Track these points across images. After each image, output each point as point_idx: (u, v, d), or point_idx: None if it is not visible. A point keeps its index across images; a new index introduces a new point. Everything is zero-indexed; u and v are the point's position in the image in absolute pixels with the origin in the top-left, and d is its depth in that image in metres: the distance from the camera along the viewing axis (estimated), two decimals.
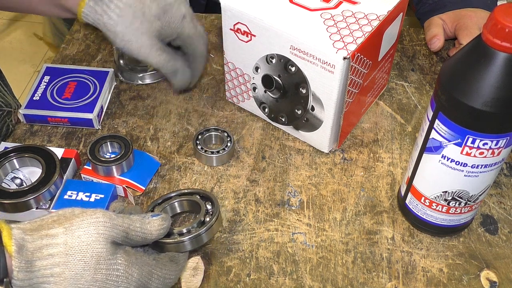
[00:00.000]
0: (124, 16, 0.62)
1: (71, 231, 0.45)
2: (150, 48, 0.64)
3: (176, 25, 0.65)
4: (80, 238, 0.45)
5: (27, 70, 2.14)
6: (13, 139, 0.74)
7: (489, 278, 0.60)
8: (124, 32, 0.63)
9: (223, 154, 0.69)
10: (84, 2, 0.62)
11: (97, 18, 0.63)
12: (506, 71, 0.46)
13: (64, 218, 0.47)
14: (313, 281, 0.59)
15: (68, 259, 0.44)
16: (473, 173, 0.54)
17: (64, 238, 0.45)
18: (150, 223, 0.50)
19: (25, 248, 0.44)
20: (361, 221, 0.65)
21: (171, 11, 0.64)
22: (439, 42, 0.83)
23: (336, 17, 0.65)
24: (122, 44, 0.64)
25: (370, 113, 0.78)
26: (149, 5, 0.63)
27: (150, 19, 0.63)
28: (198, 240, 0.55)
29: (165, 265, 0.51)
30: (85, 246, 0.45)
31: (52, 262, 0.44)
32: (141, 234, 0.49)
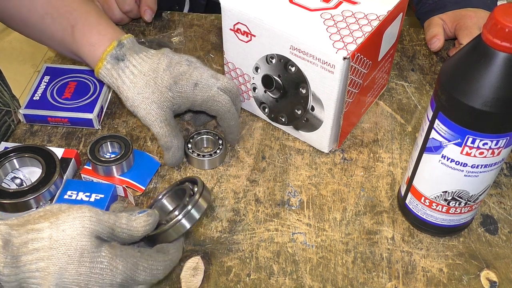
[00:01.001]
0: (137, 83, 0.65)
1: (56, 225, 0.46)
2: (155, 117, 0.65)
3: (188, 94, 0.66)
4: (64, 231, 0.46)
5: (27, 70, 2.14)
6: (13, 139, 0.74)
7: (489, 278, 0.60)
8: (135, 98, 0.65)
9: (215, 157, 0.69)
10: (102, 63, 0.65)
11: (113, 81, 0.66)
12: (506, 71, 0.46)
13: (50, 213, 0.47)
14: (313, 281, 0.59)
15: (52, 253, 0.45)
16: (473, 173, 0.54)
17: (49, 232, 0.46)
18: (136, 220, 0.50)
19: (11, 243, 0.44)
20: (361, 221, 0.65)
21: (182, 81, 0.66)
22: (439, 42, 0.83)
23: (336, 17, 0.65)
24: (132, 108, 0.66)
25: (370, 113, 0.78)
26: (161, 75, 0.65)
27: (161, 89, 0.65)
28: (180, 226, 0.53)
29: (151, 256, 0.51)
30: (69, 240, 0.46)
31: (37, 256, 0.45)
32: (127, 231, 0.50)
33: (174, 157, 0.68)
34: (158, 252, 0.52)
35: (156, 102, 0.65)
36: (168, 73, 0.66)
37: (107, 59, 0.65)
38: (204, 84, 0.67)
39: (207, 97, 0.67)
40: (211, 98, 0.67)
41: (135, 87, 0.65)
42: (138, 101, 0.65)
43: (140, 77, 0.65)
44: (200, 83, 0.67)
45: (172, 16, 0.94)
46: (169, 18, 0.94)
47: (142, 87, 0.65)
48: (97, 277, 0.46)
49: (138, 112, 0.65)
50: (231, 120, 0.69)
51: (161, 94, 0.65)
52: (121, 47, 0.66)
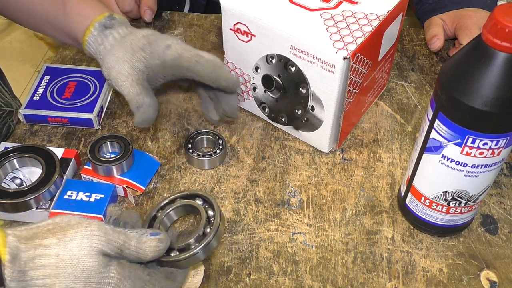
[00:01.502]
0: (114, 46, 0.64)
1: (63, 243, 0.45)
2: (126, 77, 0.63)
3: (159, 54, 0.64)
4: (72, 251, 0.45)
5: (27, 70, 2.14)
6: (13, 139, 0.74)
7: (489, 278, 0.60)
8: (109, 60, 0.64)
9: (215, 157, 0.69)
10: (89, 30, 0.64)
11: (96, 47, 0.65)
12: (506, 71, 0.46)
13: (59, 228, 0.46)
14: (313, 281, 0.59)
15: (59, 272, 0.44)
16: (473, 173, 0.54)
17: (57, 250, 0.45)
18: (146, 242, 0.49)
19: (19, 257, 0.44)
20: (361, 221, 0.65)
21: (156, 42, 0.64)
22: (439, 42, 0.83)
23: (336, 17, 0.65)
24: (106, 72, 0.64)
25: (370, 113, 0.78)
26: (139, 39, 0.65)
27: (134, 48, 0.64)
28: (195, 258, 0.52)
29: (159, 281, 0.50)
30: (75, 260, 0.45)
31: (44, 273, 0.44)
32: (135, 253, 0.48)
33: (145, 113, 0.63)
34: (166, 279, 0.51)
35: (127, 62, 0.63)
36: (146, 38, 0.65)
37: (94, 26, 0.64)
38: (177, 46, 0.64)
39: (177, 56, 0.63)
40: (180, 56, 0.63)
41: (111, 50, 0.64)
42: (112, 62, 0.63)
43: (119, 40, 0.64)
44: (173, 45, 0.64)
45: (172, 16, 0.94)
46: (169, 18, 0.94)
47: (117, 48, 0.64)
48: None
49: (110, 74, 0.63)
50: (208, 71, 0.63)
51: (133, 54, 0.63)
52: (111, 19, 0.65)
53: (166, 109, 0.78)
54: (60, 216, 0.48)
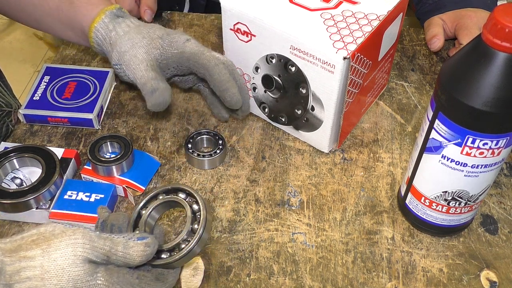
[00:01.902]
0: (129, 32, 0.64)
1: (48, 253, 0.45)
2: (141, 61, 0.62)
3: (178, 45, 0.64)
4: (56, 261, 0.44)
5: (27, 70, 2.14)
6: (13, 139, 0.74)
7: (489, 278, 0.60)
8: (123, 44, 0.63)
9: (215, 157, 0.69)
10: (100, 17, 0.64)
11: (106, 34, 0.64)
12: (506, 71, 0.46)
13: (43, 238, 0.46)
14: (313, 281, 0.59)
15: (44, 283, 0.44)
16: (473, 173, 0.54)
17: (41, 261, 0.44)
18: (133, 247, 0.48)
19: (4, 271, 0.43)
20: (361, 221, 0.65)
21: (174, 34, 0.66)
22: (439, 42, 0.83)
23: (336, 17, 0.65)
24: (117, 56, 0.63)
25: (370, 113, 0.78)
26: (156, 28, 0.65)
27: (152, 36, 0.64)
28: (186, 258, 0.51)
29: (149, 284, 0.49)
30: (60, 271, 0.44)
31: (29, 285, 0.44)
32: (122, 259, 0.47)
33: (160, 96, 0.61)
34: (156, 280, 0.51)
35: (144, 47, 0.63)
36: (163, 29, 0.65)
37: (106, 14, 0.64)
38: (196, 42, 0.66)
39: (196, 50, 0.64)
40: (201, 51, 0.64)
41: (125, 35, 0.63)
42: (126, 46, 0.62)
43: (134, 28, 0.64)
44: (192, 40, 0.66)
45: (172, 16, 0.94)
46: (169, 18, 0.94)
47: (133, 34, 0.63)
48: None
49: (122, 57, 0.62)
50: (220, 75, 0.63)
51: (151, 41, 0.63)
52: (121, 10, 0.66)
53: (166, 109, 0.78)
54: (45, 225, 0.47)
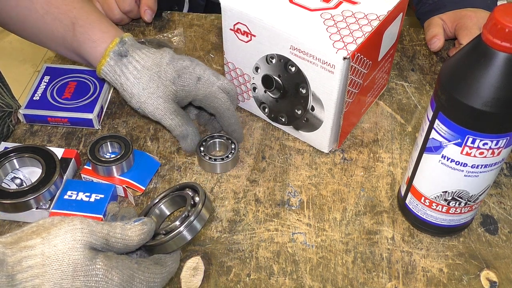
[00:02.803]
0: (141, 78, 0.65)
1: (48, 241, 0.46)
2: (164, 111, 0.65)
3: (190, 88, 0.67)
4: (56, 246, 0.45)
5: (27, 70, 2.14)
6: (13, 139, 0.74)
7: (489, 278, 0.60)
8: (140, 94, 0.65)
9: (227, 162, 0.69)
10: (105, 60, 0.65)
11: (115, 78, 0.66)
12: (506, 71, 0.46)
13: (43, 228, 0.47)
14: (313, 281, 0.59)
15: (45, 269, 0.45)
16: (473, 173, 0.54)
17: (41, 249, 0.45)
18: (131, 229, 0.49)
19: (6, 262, 0.44)
20: (361, 221, 0.65)
21: (185, 75, 0.66)
22: (439, 42, 0.83)
23: (336, 17, 0.65)
24: (138, 105, 0.66)
25: (370, 113, 0.78)
26: (165, 68, 0.66)
27: (165, 83, 0.65)
28: (181, 238, 0.53)
29: (148, 268, 0.51)
30: (61, 255, 0.45)
31: (31, 273, 0.44)
32: (121, 241, 0.49)
33: (193, 142, 0.69)
34: (155, 264, 0.52)
35: (162, 97, 0.65)
36: (171, 66, 0.66)
37: (110, 55, 0.65)
38: (206, 79, 0.67)
39: (208, 92, 0.67)
40: (212, 94, 0.68)
41: (139, 83, 0.65)
42: (144, 97, 0.65)
43: (144, 72, 0.65)
44: (203, 78, 0.67)
45: (172, 16, 0.94)
46: (169, 18, 0.94)
47: (147, 82, 0.65)
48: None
49: (145, 108, 0.65)
50: (230, 118, 0.70)
51: (165, 88, 0.65)
52: (123, 44, 0.66)
53: None
54: (44, 217, 0.49)
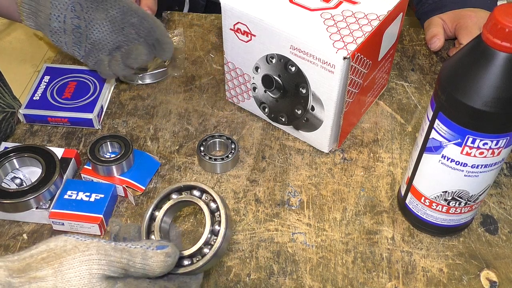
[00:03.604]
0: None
1: (60, 273, 0.41)
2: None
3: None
4: (70, 282, 0.41)
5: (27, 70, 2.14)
6: (13, 139, 0.74)
7: (489, 278, 0.60)
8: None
9: (227, 161, 0.69)
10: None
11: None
12: (506, 71, 0.46)
13: (54, 255, 0.42)
14: (313, 281, 0.59)
15: None
16: (473, 173, 0.54)
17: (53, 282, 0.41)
18: (153, 257, 0.44)
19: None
20: (361, 221, 0.65)
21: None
22: (439, 42, 0.83)
23: (336, 17, 0.65)
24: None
25: (370, 113, 0.78)
26: None
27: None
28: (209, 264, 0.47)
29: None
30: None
31: None
32: (142, 271, 0.44)
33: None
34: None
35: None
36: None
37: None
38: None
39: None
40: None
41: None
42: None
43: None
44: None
45: (172, 16, 0.94)
46: (169, 18, 0.94)
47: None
48: None
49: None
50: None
51: None
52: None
53: (166, 109, 0.78)
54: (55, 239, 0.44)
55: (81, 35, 0.66)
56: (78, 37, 0.67)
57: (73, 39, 0.67)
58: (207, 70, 0.84)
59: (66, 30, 0.66)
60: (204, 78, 0.83)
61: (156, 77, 0.82)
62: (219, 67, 0.85)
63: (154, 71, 0.81)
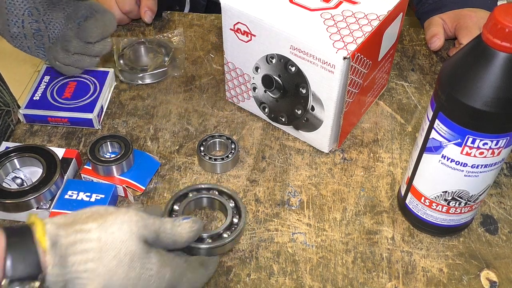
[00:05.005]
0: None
1: (104, 227, 0.45)
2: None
3: None
4: (113, 234, 0.45)
5: (27, 70, 2.14)
6: (13, 139, 0.74)
7: (489, 278, 0.60)
8: None
9: (227, 161, 0.69)
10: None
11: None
12: (506, 71, 0.46)
13: (98, 214, 0.47)
14: (313, 281, 0.59)
15: (102, 255, 0.44)
16: (473, 173, 0.54)
17: (98, 234, 0.45)
18: (181, 225, 0.50)
19: (59, 243, 0.44)
20: (361, 221, 0.65)
21: None
22: (439, 41, 0.83)
23: (336, 17, 0.65)
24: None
25: (370, 113, 0.78)
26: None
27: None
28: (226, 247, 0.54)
29: (195, 268, 0.51)
30: (119, 243, 0.45)
31: (85, 257, 0.44)
32: (171, 237, 0.49)
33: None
34: (201, 266, 0.52)
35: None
36: None
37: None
38: None
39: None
40: None
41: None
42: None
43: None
44: None
45: (172, 16, 0.94)
46: (169, 18, 0.94)
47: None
48: (144, 283, 0.46)
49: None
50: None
51: None
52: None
53: (166, 109, 0.78)
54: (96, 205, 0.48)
55: (43, 37, 0.66)
56: (40, 40, 0.67)
57: (35, 43, 0.67)
58: (207, 70, 0.84)
59: (26, 35, 0.66)
60: (204, 78, 0.83)
61: (156, 77, 0.82)
62: (219, 67, 0.85)
63: (154, 71, 0.81)
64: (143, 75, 0.81)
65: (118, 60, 0.83)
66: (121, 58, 0.83)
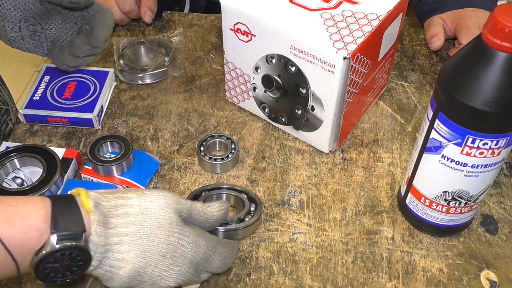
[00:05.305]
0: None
1: (144, 197, 0.48)
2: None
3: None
4: (152, 202, 0.48)
5: (27, 70, 2.14)
6: (13, 139, 0.74)
7: (489, 278, 0.60)
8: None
9: (227, 161, 0.69)
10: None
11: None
12: (506, 71, 0.46)
13: (135, 190, 0.50)
14: (313, 281, 0.59)
15: (143, 218, 0.46)
16: (473, 173, 0.54)
17: (138, 201, 0.47)
18: (210, 206, 0.53)
19: (101, 205, 0.46)
20: (361, 221, 0.65)
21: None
22: (439, 41, 0.83)
23: (336, 17, 0.65)
24: None
25: (370, 113, 0.78)
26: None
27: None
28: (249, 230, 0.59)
29: (225, 245, 0.54)
30: (158, 210, 0.48)
31: (127, 221, 0.46)
32: (203, 215, 0.52)
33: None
34: (227, 245, 0.55)
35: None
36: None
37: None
38: None
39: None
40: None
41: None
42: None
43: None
44: None
45: (172, 16, 0.94)
46: (169, 18, 0.94)
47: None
48: (183, 249, 0.48)
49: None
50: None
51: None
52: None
53: (166, 109, 0.78)
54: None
55: (40, 37, 0.68)
56: (37, 40, 0.68)
57: (33, 43, 0.68)
58: (207, 70, 0.84)
59: (24, 37, 0.67)
60: (204, 78, 0.83)
61: (156, 77, 0.82)
62: (219, 67, 0.85)
63: (154, 71, 0.81)
64: (143, 75, 0.81)
65: (118, 60, 0.83)
66: (121, 58, 0.83)
